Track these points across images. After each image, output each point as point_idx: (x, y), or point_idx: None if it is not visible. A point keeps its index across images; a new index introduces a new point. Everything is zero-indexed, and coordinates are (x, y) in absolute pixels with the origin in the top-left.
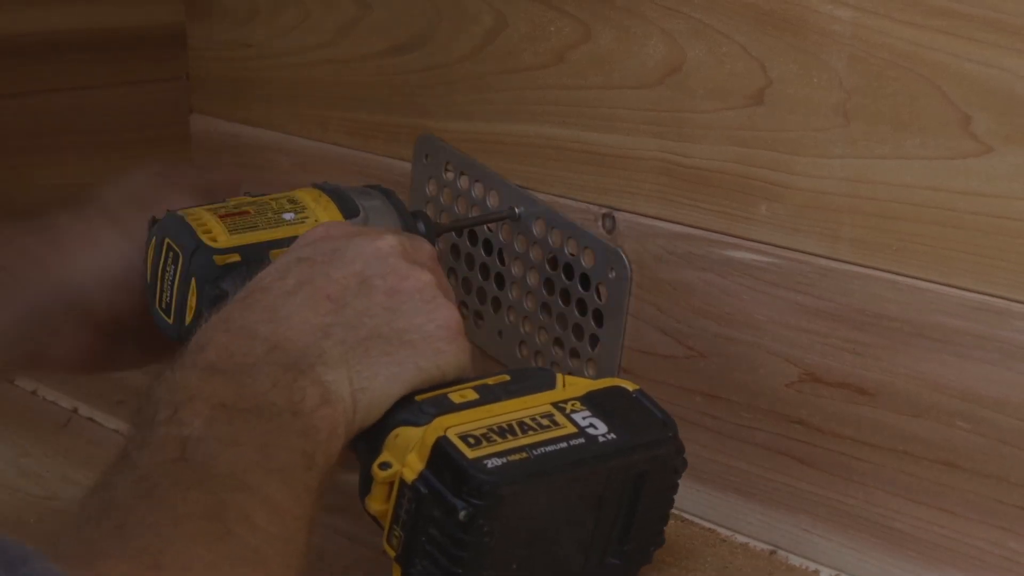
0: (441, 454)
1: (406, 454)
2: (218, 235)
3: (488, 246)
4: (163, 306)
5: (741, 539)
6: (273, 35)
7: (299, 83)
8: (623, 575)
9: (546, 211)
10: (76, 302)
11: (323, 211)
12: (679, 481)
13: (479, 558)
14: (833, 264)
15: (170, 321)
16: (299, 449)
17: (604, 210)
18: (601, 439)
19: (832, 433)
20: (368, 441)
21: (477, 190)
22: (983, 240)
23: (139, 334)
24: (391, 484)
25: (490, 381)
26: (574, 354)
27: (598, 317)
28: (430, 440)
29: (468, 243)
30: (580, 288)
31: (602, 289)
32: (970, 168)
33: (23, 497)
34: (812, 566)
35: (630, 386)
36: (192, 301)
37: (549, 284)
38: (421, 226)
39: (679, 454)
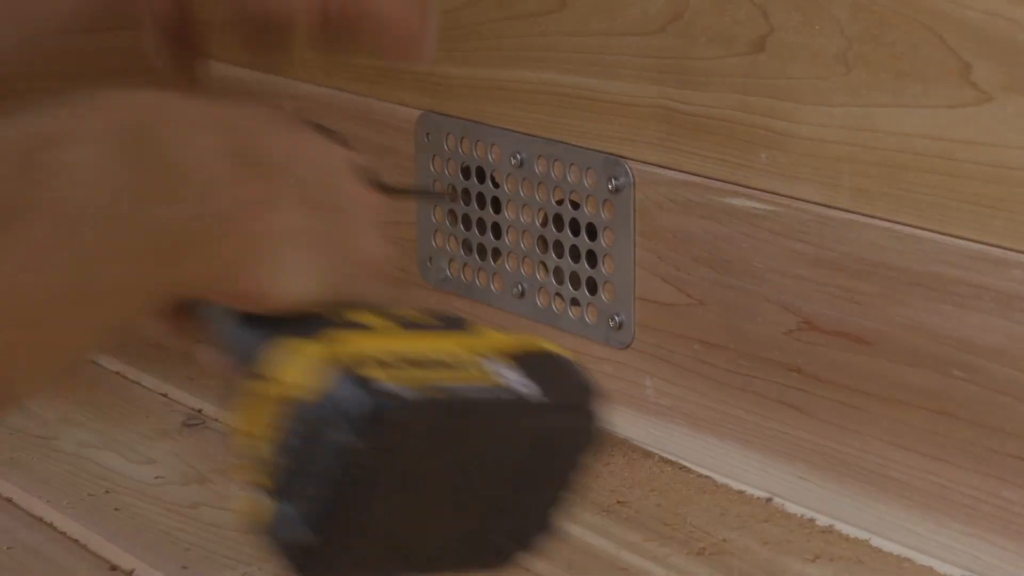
0: (345, 373)
1: (290, 368)
2: None
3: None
4: None
5: (738, 486)
6: None
7: None
8: (499, 557)
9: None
10: None
11: None
12: (581, 462)
13: (356, 499)
14: (832, 212)
15: None
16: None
17: (606, 157)
18: (525, 391)
19: (829, 381)
20: (236, 340)
21: (479, 150)
22: (982, 189)
23: None
24: (268, 399)
25: (395, 311)
26: (590, 285)
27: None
28: (325, 355)
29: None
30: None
31: (605, 210)
32: (970, 117)
33: (24, 438)
34: (808, 514)
35: (553, 347)
36: None
37: (556, 220)
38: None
39: (594, 426)
